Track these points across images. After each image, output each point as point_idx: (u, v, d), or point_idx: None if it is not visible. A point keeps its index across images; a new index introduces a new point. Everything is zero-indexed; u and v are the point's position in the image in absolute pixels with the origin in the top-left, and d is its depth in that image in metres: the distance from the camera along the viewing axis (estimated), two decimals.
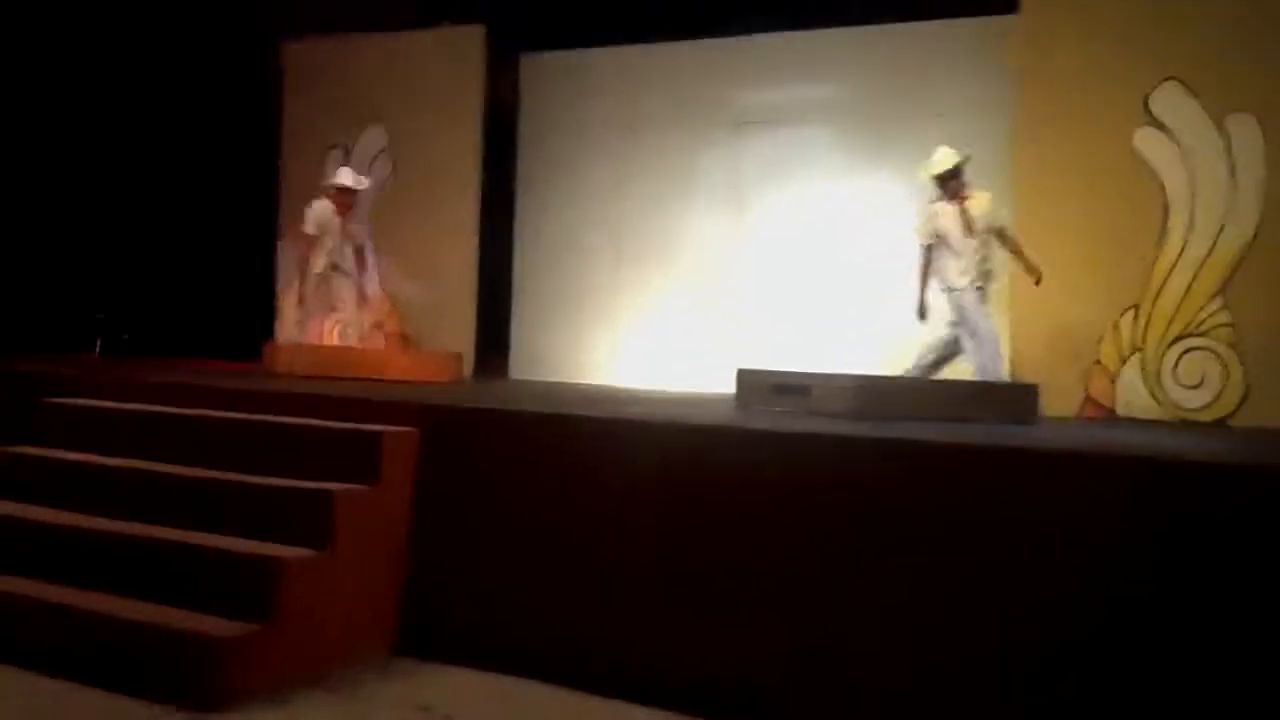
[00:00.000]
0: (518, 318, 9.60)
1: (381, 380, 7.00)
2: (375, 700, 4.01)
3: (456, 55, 9.30)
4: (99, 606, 4.15)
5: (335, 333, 8.93)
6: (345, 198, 8.30)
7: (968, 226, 6.76)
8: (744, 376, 5.85)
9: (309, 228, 8.22)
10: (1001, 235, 6.84)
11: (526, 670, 4.20)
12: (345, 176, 8.39)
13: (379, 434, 4.63)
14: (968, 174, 6.85)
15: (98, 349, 7.27)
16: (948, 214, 6.83)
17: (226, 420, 5.16)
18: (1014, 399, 5.85)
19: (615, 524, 4.25)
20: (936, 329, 6.87)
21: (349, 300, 8.42)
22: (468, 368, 8.68)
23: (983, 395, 5.96)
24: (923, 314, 6.87)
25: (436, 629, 4.49)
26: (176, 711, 3.73)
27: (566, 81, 9.48)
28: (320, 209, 8.25)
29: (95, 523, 4.59)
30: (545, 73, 9.62)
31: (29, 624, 4.21)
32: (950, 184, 6.84)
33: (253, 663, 3.91)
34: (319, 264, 8.24)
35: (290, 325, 8.49)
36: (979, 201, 6.84)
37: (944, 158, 6.85)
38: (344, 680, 4.13)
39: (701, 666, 3.96)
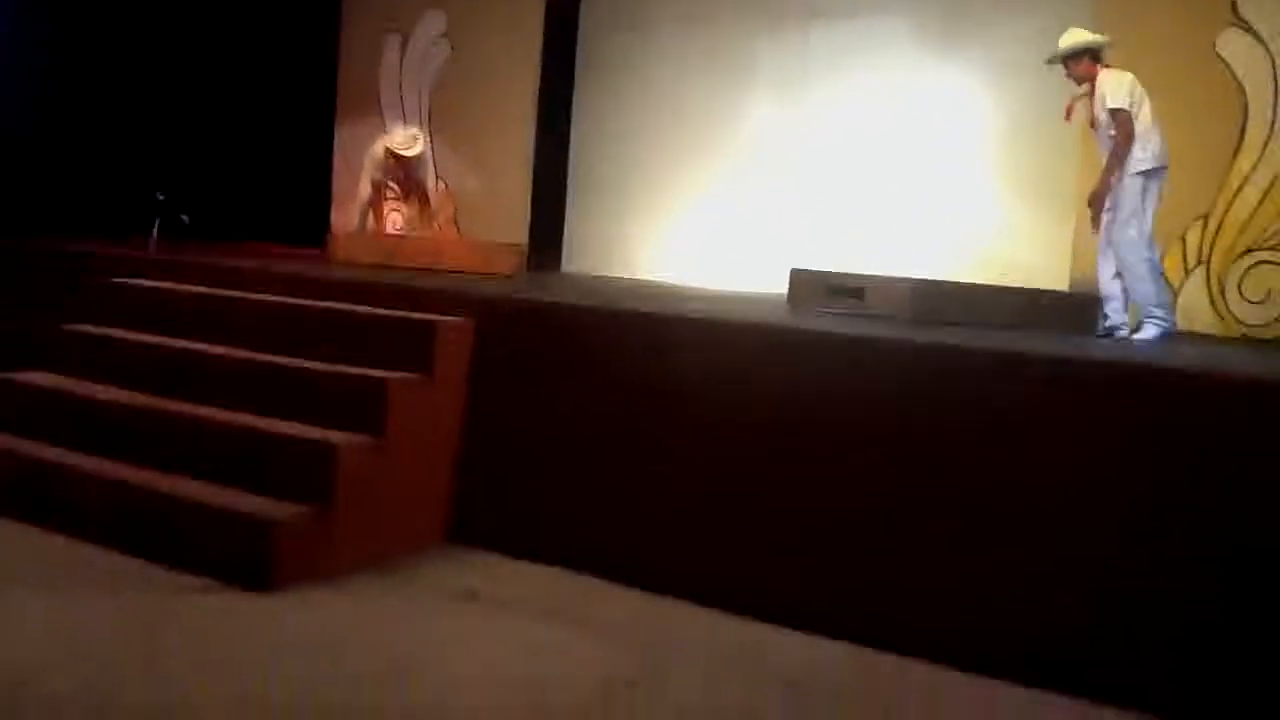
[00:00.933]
0: (572, 210, 9.54)
1: (439, 269, 7.02)
2: (426, 584, 4.11)
3: None
4: (157, 484, 4.27)
5: (393, 220, 8.97)
6: (399, 159, 8.28)
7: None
8: (797, 276, 5.77)
9: (367, 170, 8.26)
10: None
11: (573, 562, 4.27)
12: (396, 139, 8.36)
13: (433, 324, 4.66)
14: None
15: (156, 231, 7.30)
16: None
17: (283, 305, 5.21)
18: (1074, 309, 5.75)
19: (663, 422, 4.27)
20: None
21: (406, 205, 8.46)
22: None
23: (1042, 304, 5.85)
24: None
25: (487, 518, 4.57)
26: (234, 588, 3.84)
27: None
28: (379, 155, 8.28)
29: (154, 402, 4.70)
30: None
31: (88, 497, 4.34)
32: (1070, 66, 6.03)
33: (307, 544, 4.01)
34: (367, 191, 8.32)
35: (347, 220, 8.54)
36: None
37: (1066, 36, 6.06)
38: (397, 564, 4.23)
39: (742, 568, 4.01)
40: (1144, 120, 5.77)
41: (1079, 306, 5.82)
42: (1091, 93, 5.92)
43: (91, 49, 9.27)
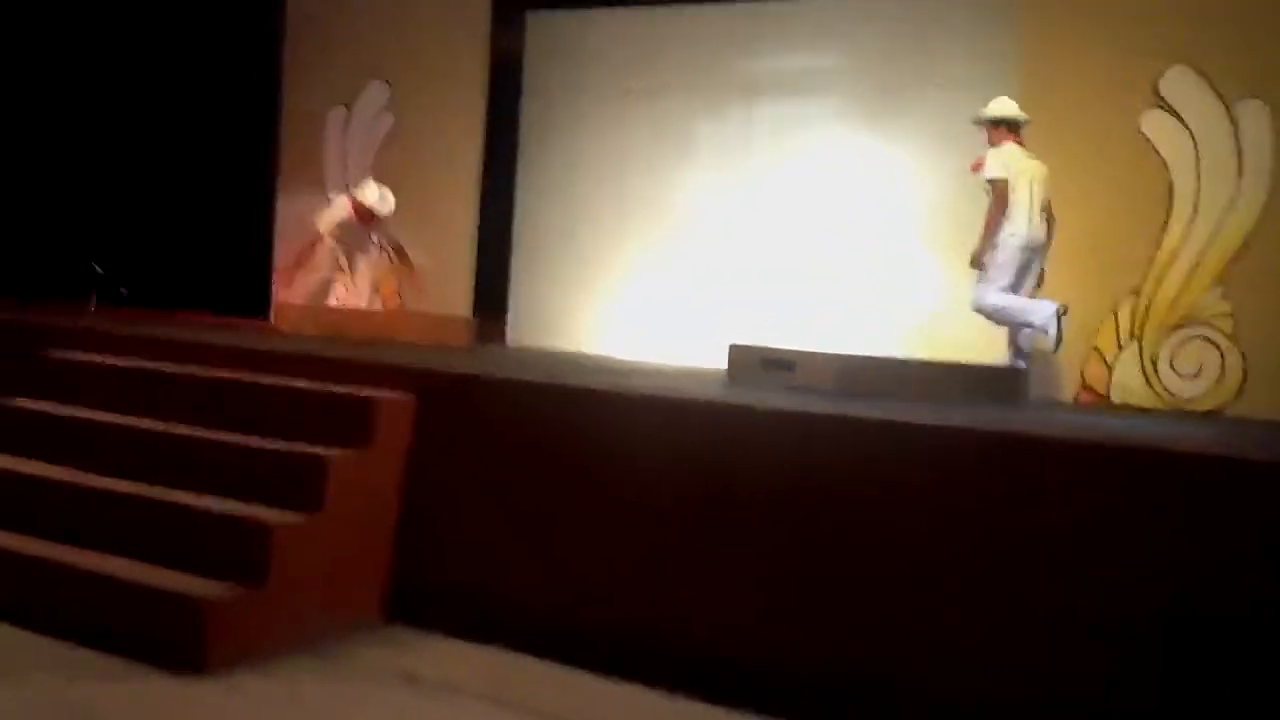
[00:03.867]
0: (517, 281, 9.57)
1: (385, 342, 7.00)
2: (363, 667, 4.03)
3: (462, 11, 9.23)
4: (89, 563, 4.16)
5: (339, 292, 8.93)
6: (366, 213, 8.25)
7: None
8: (735, 351, 5.88)
9: (323, 227, 8.20)
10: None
11: (515, 642, 4.21)
12: (370, 194, 8.35)
13: (374, 399, 4.63)
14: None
15: (94, 301, 7.24)
16: None
17: (223, 379, 5.14)
18: (1001, 381, 5.86)
19: (606, 497, 4.26)
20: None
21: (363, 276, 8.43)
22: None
23: (970, 376, 5.96)
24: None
25: (427, 597, 4.50)
26: (162, 672, 3.74)
27: (573, 42, 9.39)
28: (340, 213, 8.26)
29: (87, 479, 4.60)
30: (551, 32, 9.51)
31: (16, 578, 4.22)
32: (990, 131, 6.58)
33: (240, 626, 3.92)
34: (324, 264, 8.26)
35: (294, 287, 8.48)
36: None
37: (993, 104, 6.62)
38: (334, 645, 4.15)
39: (691, 646, 3.98)
40: (1020, 200, 6.29)
41: (1004, 377, 5.93)
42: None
43: (30, 117, 9.21)
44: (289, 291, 9.12)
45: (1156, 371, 6.87)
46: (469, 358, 6.53)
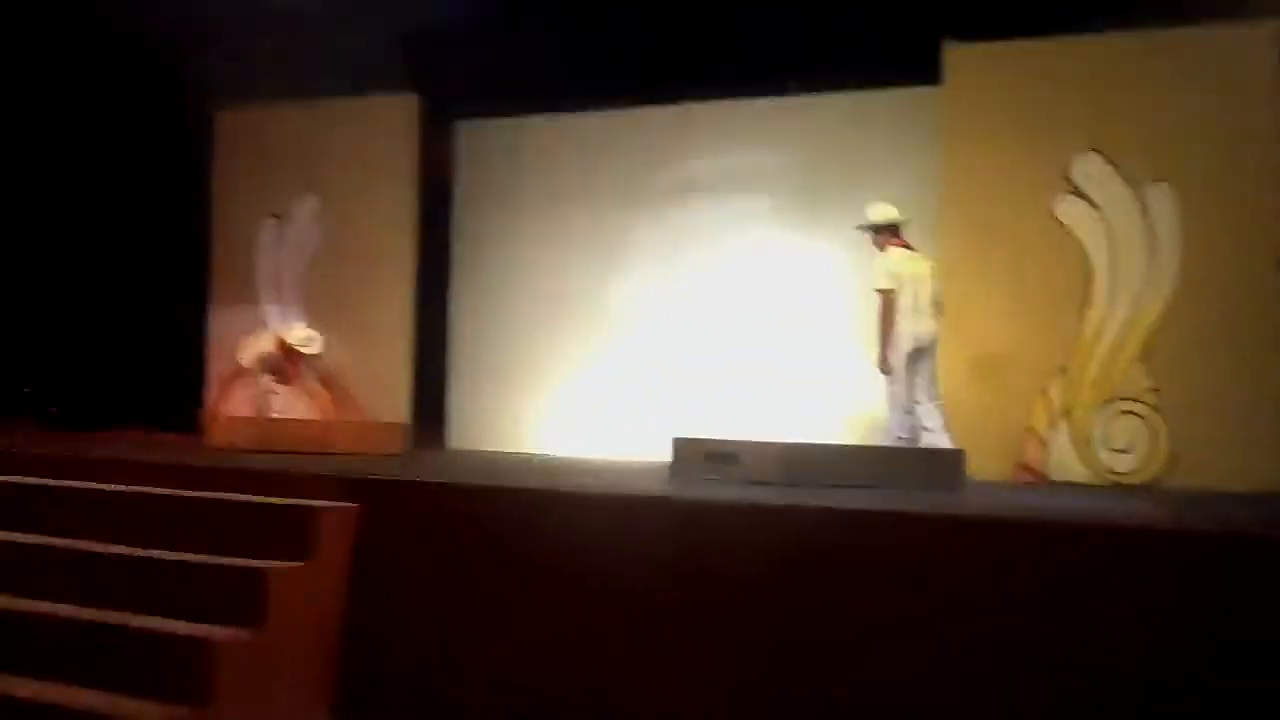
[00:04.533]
0: (454, 386, 9.57)
1: (324, 452, 6.93)
2: None
3: (391, 123, 9.32)
4: (27, 692, 4.03)
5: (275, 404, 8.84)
6: (293, 354, 8.34)
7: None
8: (679, 444, 5.92)
9: (246, 360, 8.25)
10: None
11: None
12: (297, 335, 8.45)
13: (314, 510, 4.58)
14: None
15: (28, 422, 7.12)
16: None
17: (159, 496, 5.07)
18: (938, 465, 5.94)
19: (552, 594, 4.24)
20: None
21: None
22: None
23: (907, 461, 6.05)
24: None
25: (374, 706, 4.42)
26: None
27: (503, 149, 9.56)
28: (266, 346, 8.33)
29: (17, 604, 4.47)
30: (481, 140, 9.69)
31: None
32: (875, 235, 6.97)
33: None
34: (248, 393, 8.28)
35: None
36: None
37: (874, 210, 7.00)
38: None
39: None
40: (904, 306, 6.67)
41: (942, 461, 6.01)
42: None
43: None
44: (225, 405, 9.01)
45: (1090, 448, 7.02)
46: (408, 464, 6.50)
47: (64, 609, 4.40)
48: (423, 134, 9.31)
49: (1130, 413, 6.93)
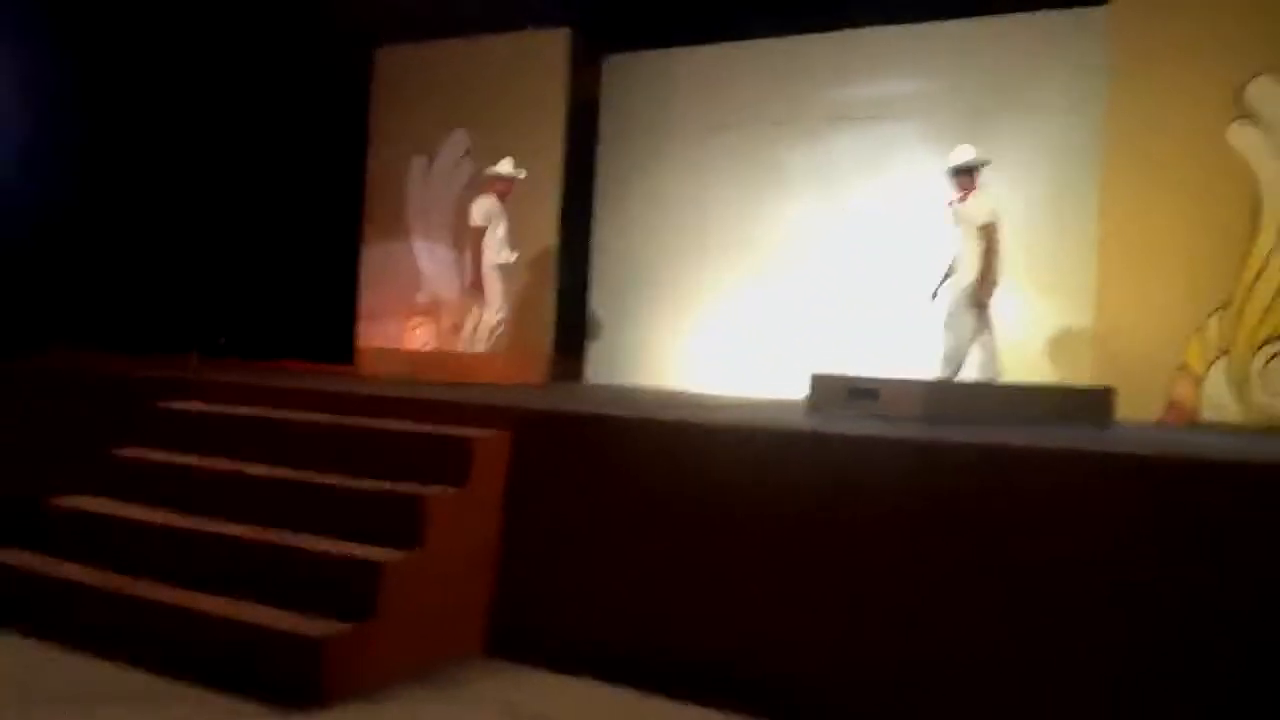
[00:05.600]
0: (597, 318, 9.69)
1: (468, 382, 7.13)
2: (467, 698, 4.12)
3: (541, 58, 9.39)
4: (201, 605, 4.31)
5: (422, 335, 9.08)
6: (506, 186, 8.43)
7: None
8: (818, 380, 5.87)
9: (476, 219, 8.34)
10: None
11: (613, 675, 4.27)
12: (506, 165, 8.53)
13: (469, 438, 4.74)
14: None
15: (194, 352, 7.48)
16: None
17: (321, 424, 5.30)
18: (1089, 403, 5.80)
19: (700, 529, 4.31)
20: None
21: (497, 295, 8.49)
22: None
23: (1056, 399, 5.92)
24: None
25: (527, 630, 4.58)
26: (280, 708, 3.86)
27: (650, 81, 9.55)
28: (485, 201, 8.40)
29: (196, 523, 4.77)
30: (629, 73, 9.70)
31: (136, 621, 4.38)
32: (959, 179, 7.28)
33: (350, 661, 4.03)
34: (493, 255, 8.35)
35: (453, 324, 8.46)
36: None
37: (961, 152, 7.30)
38: (438, 678, 4.24)
39: (790, 672, 4.01)
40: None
41: (1092, 399, 5.86)
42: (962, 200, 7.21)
43: (130, 175, 9.56)
44: (376, 337, 9.30)
45: (1247, 388, 6.76)
46: (553, 395, 6.62)
47: (235, 528, 4.67)
48: (571, 67, 9.35)
49: None
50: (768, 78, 9.00)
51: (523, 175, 8.59)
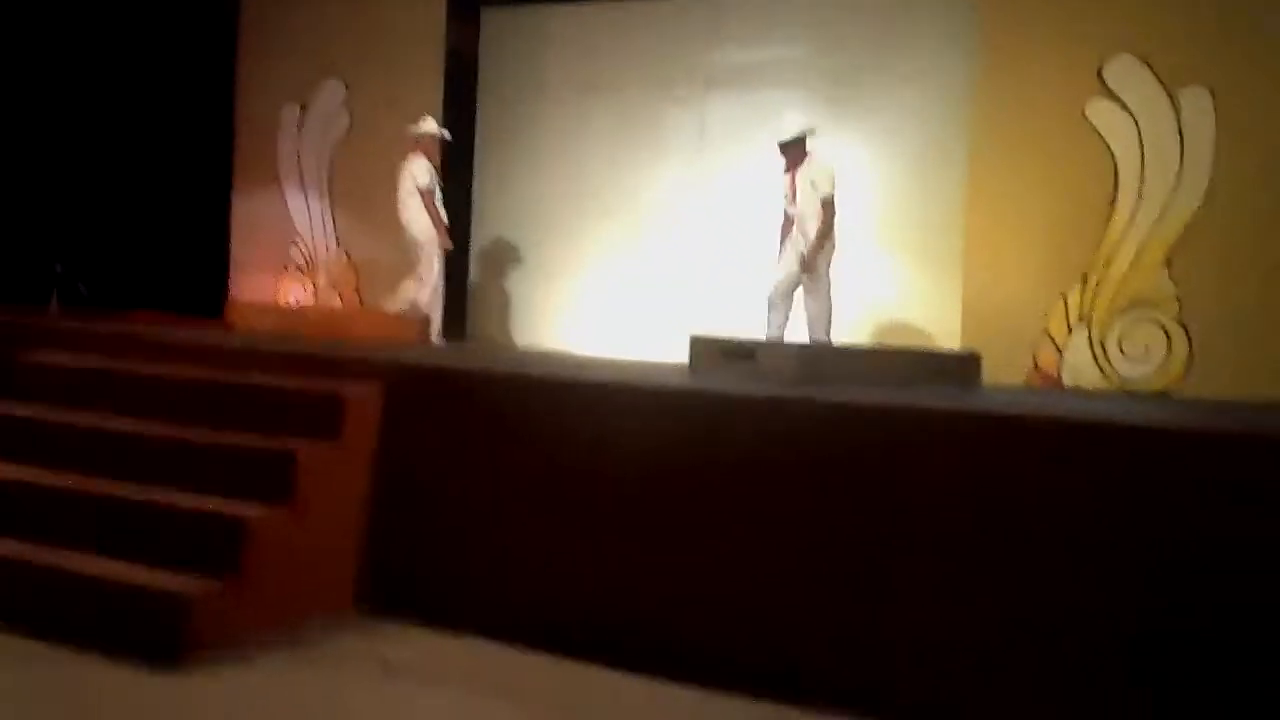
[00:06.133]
0: (475, 277, 9.61)
1: (345, 339, 7.01)
2: (338, 655, 4.08)
3: (416, 7, 9.25)
4: (62, 562, 4.18)
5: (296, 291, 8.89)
6: (433, 146, 8.30)
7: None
8: (695, 342, 5.94)
9: (423, 180, 8.17)
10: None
11: (487, 630, 4.27)
12: (431, 124, 8.41)
13: (341, 391, 4.66)
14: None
15: (54, 301, 7.20)
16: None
17: (190, 377, 5.16)
18: (956, 367, 5.97)
19: (574, 485, 4.32)
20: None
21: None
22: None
23: (924, 362, 6.08)
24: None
25: (398, 586, 4.55)
26: (143, 666, 3.78)
27: (528, 36, 9.45)
28: (423, 163, 8.25)
29: (57, 478, 4.61)
30: (507, 27, 9.56)
31: None
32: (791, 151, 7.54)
33: (217, 618, 3.95)
34: (444, 213, 8.23)
35: (426, 294, 8.25)
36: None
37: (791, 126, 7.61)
38: (308, 635, 4.19)
39: (662, 623, 4.06)
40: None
41: (960, 363, 6.03)
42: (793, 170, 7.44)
43: None
44: (246, 291, 9.08)
45: (1106, 354, 7.04)
46: (430, 352, 6.57)
47: (98, 484, 4.53)
48: (448, 21, 9.22)
49: (1149, 320, 6.94)
50: (644, 38, 9.00)
51: (448, 136, 8.48)
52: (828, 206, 7.31)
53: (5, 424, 5.06)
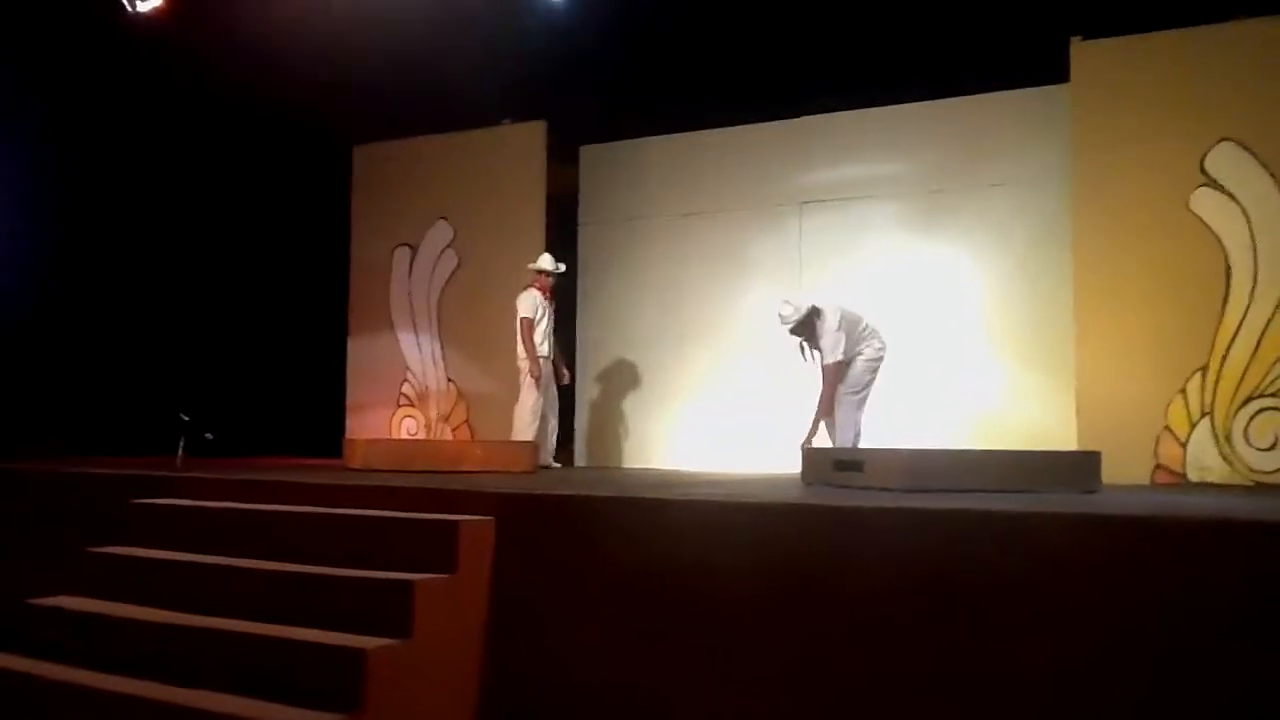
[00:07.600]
0: (581, 405, 9.73)
1: (457, 471, 7.12)
2: None
3: (518, 150, 9.57)
4: (189, 702, 4.25)
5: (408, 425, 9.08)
6: (545, 281, 8.63)
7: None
8: (807, 454, 5.96)
9: (525, 311, 8.50)
10: None
11: None
12: (546, 261, 8.73)
13: (455, 523, 4.73)
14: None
15: (181, 449, 7.46)
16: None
17: (308, 515, 5.29)
18: (1074, 467, 5.81)
19: (697, 608, 4.29)
20: None
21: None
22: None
23: (1041, 464, 5.93)
24: None
25: (519, 716, 4.53)
26: None
27: (625, 170, 9.74)
28: (532, 295, 8.59)
29: (179, 618, 4.72)
30: (604, 163, 9.89)
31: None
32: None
33: None
34: (544, 346, 8.56)
35: (526, 416, 8.60)
36: None
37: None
38: None
39: None
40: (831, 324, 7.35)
41: (1073, 464, 5.87)
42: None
43: (114, 274, 9.63)
44: (362, 429, 9.27)
45: (1231, 446, 6.80)
46: (540, 480, 6.63)
47: (223, 622, 4.63)
48: (548, 159, 9.52)
49: (1274, 409, 6.70)
50: (737, 164, 9.23)
51: (563, 269, 8.82)
52: (826, 370, 7.34)
53: (132, 567, 5.22)
